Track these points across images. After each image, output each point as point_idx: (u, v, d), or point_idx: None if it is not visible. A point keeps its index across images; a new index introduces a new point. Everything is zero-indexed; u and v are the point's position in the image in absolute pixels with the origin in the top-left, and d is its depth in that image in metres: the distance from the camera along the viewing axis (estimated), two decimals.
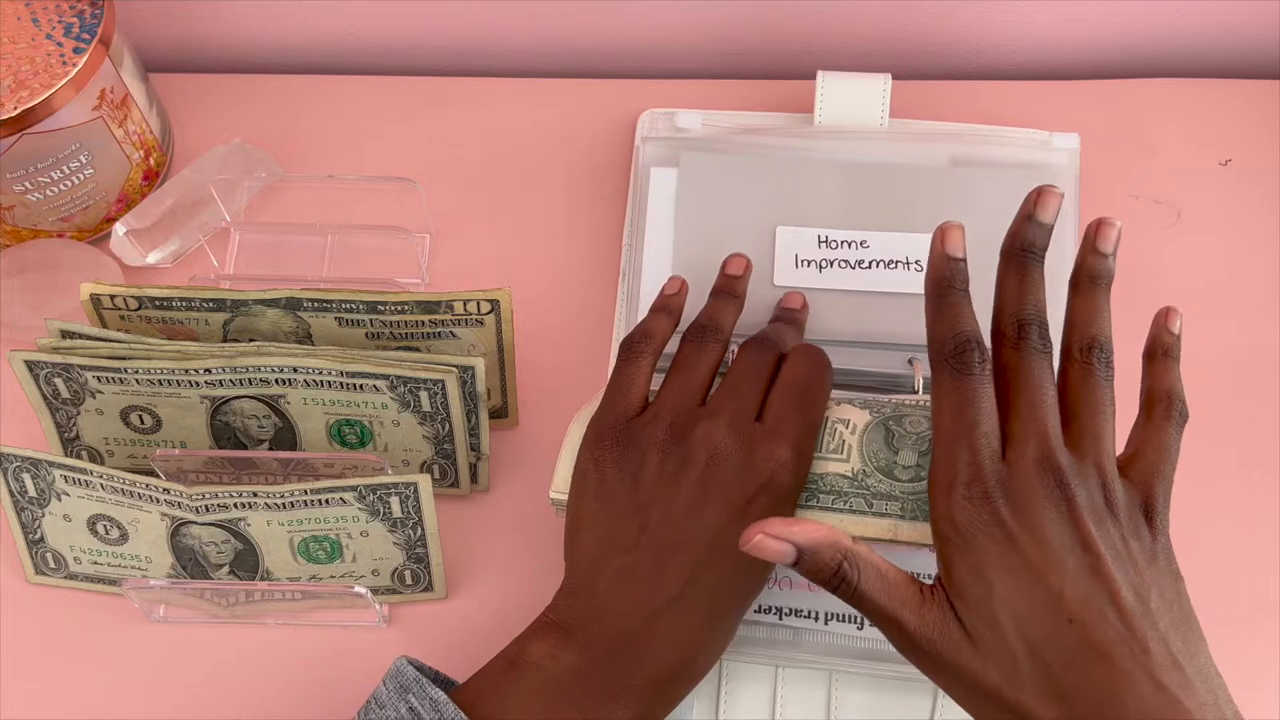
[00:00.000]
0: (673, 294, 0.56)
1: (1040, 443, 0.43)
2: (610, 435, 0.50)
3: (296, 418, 0.55)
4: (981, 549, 0.42)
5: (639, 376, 0.52)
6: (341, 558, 0.55)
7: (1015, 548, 0.42)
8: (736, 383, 0.51)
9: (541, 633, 0.47)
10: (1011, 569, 0.41)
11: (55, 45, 0.58)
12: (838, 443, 0.49)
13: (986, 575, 0.42)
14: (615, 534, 0.48)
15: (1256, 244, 0.63)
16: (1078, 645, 0.40)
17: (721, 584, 0.47)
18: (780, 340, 0.53)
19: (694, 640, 0.47)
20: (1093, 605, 0.41)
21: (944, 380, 0.45)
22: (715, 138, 0.64)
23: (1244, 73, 0.69)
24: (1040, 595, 0.41)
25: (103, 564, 0.56)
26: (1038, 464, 0.43)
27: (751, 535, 0.42)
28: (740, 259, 0.57)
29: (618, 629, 0.47)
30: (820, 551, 0.42)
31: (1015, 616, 0.41)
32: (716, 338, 0.53)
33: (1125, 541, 0.42)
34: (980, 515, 0.42)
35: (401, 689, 0.46)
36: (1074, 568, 0.41)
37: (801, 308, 0.58)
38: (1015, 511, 0.42)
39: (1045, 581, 0.41)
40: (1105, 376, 0.45)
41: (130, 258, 0.63)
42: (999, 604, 0.41)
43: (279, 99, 0.69)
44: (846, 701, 0.53)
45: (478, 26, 0.70)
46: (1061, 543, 0.42)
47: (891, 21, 0.69)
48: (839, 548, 0.42)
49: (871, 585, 0.42)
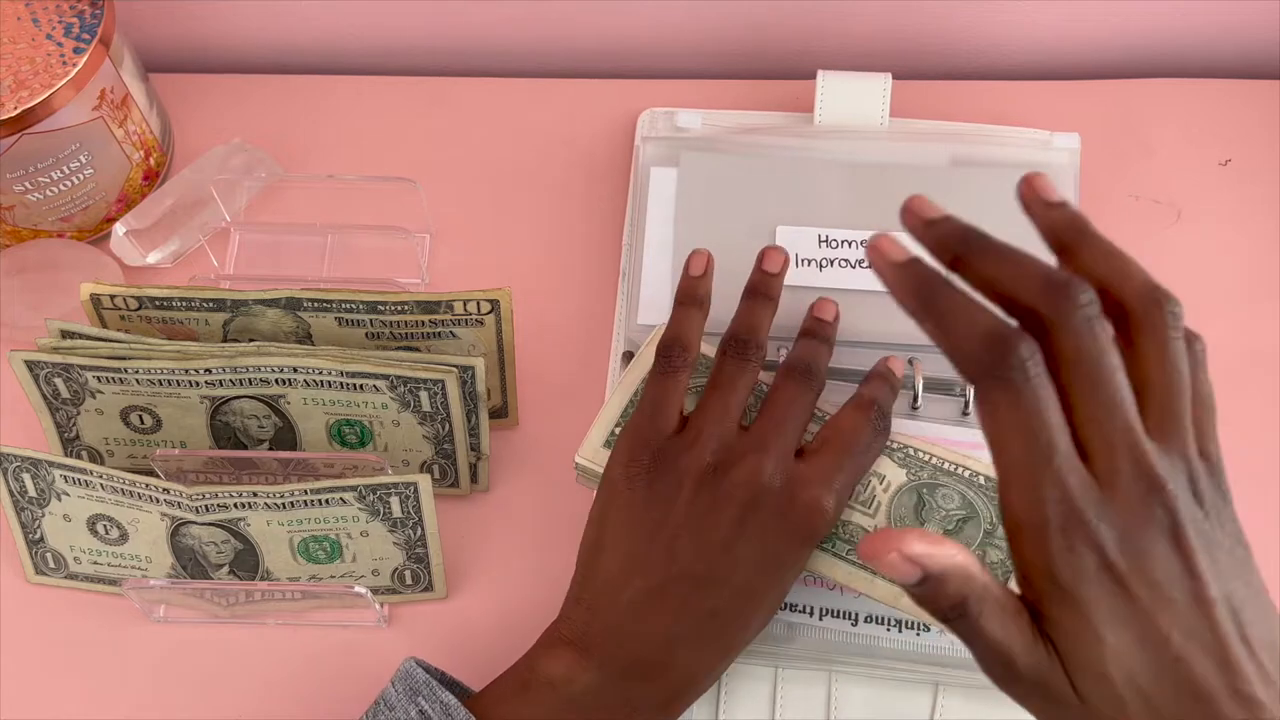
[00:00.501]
0: (699, 275, 0.53)
1: (1133, 452, 0.37)
2: (647, 453, 0.49)
3: (296, 418, 0.55)
4: (1089, 601, 0.36)
5: (676, 391, 0.51)
6: (341, 558, 0.55)
7: (1126, 594, 0.36)
8: (779, 416, 0.50)
9: (557, 649, 0.47)
10: (1123, 619, 0.36)
11: (55, 45, 0.58)
12: (869, 495, 0.50)
13: (1097, 630, 0.36)
14: (643, 556, 0.48)
15: (1256, 244, 0.63)
16: (1183, 687, 0.36)
17: (742, 618, 0.48)
18: (819, 367, 0.52)
19: (707, 667, 0.48)
20: (1196, 639, 0.36)
21: (995, 397, 0.37)
22: (715, 137, 0.64)
23: (1244, 73, 0.69)
24: (1151, 640, 0.36)
25: (103, 564, 0.56)
26: (1136, 481, 0.36)
27: (884, 550, 0.36)
28: (777, 253, 0.54)
29: (636, 653, 0.47)
30: (949, 581, 0.37)
31: (1126, 669, 0.36)
32: (756, 354, 0.51)
33: (1215, 538, 0.37)
34: (1085, 564, 0.36)
35: (411, 691, 0.46)
36: (1181, 601, 0.36)
37: (833, 320, 0.55)
38: (1124, 551, 0.36)
39: (1156, 624, 0.36)
40: (1175, 336, 0.38)
41: (130, 258, 0.63)
42: (1110, 657, 0.36)
43: (279, 99, 0.69)
44: (846, 701, 0.53)
45: (478, 26, 0.70)
46: (1169, 576, 0.36)
47: (891, 21, 0.69)
48: (970, 580, 0.37)
49: (994, 622, 0.37)
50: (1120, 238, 0.65)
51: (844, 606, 0.53)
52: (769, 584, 0.48)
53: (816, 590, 0.53)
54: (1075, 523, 0.36)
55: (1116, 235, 0.66)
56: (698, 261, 0.54)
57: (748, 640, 0.49)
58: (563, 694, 0.46)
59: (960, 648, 0.52)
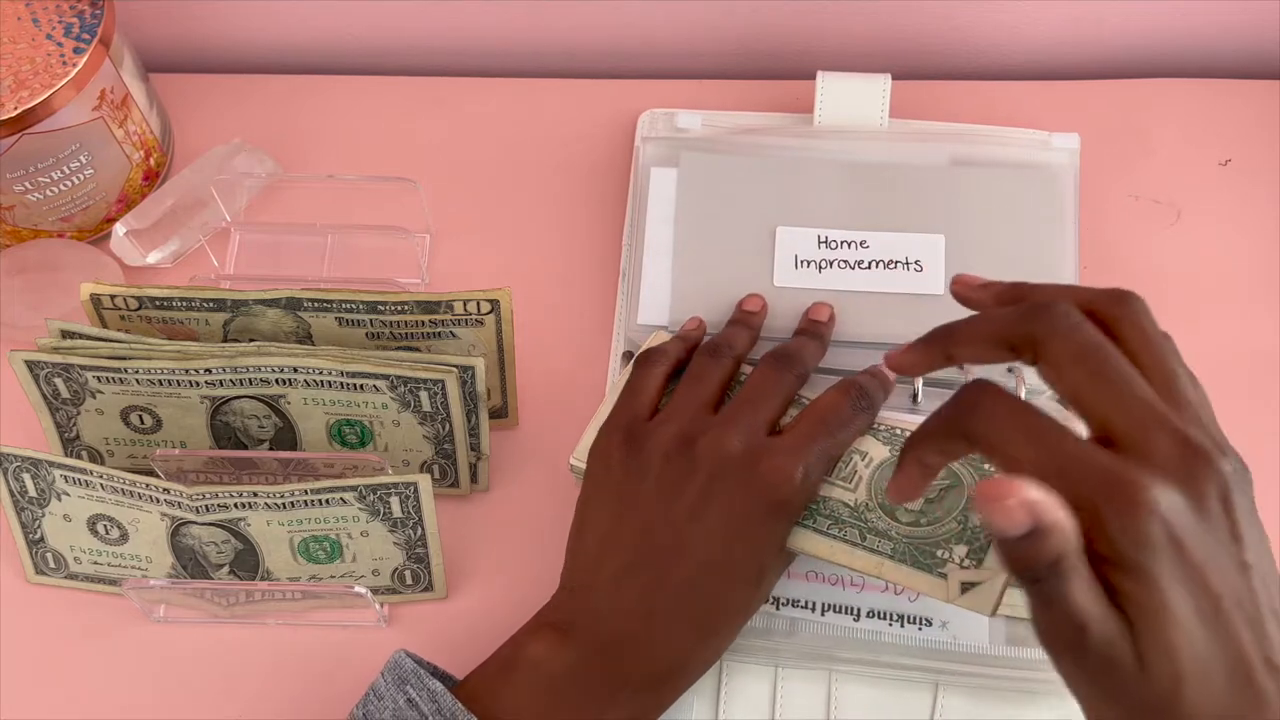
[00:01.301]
0: (693, 328, 0.57)
1: (1164, 425, 0.38)
2: (620, 436, 0.51)
3: (297, 418, 0.55)
4: (1158, 572, 0.36)
5: (652, 382, 0.53)
6: (341, 558, 0.55)
7: (1188, 562, 0.37)
8: (752, 395, 0.51)
9: (540, 631, 0.48)
10: (1187, 587, 0.37)
11: (55, 45, 0.58)
12: (850, 471, 0.50)
13: (1165, 598, 0.36)
14: (617, 534, 0.49)
15: (1256, 244, 0.63)
16: (1228, 652, 0.37)
17: (718, 591, 0.48)
18: (802, 357, 0.53)
19: (688, 644, 0.48)
20: (1240, 606, 0.37)
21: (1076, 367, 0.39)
22: (715, 138, 0.64)
23: (1244, 73, 0.69)
24: (1207, 608, 0.37)
25: (103, 564, 0.56)
26: (1178, 449, 0.37)
27: (1004, 494, 0.36)
28: (757, 299, 0.58)
29: (614, 629, 0.47)
30: (1053, 535, 0.36)
31: (1189, 638, 0.37)
32: (730, 354, 0.53)
33: (1247, 506, 0.38)
34: (1152, 533, 0.36)
35: (400, 680, 0.47)
36: (1229, 567, 0.37)
37: (828, 320, 0.57)
38: (1185, 519, 0.37)
39: (1211, 590, 0.37)
40: (1150, 320, 0.41)
41: (130, 258, 0.63)
42: (1176, 626, 0.37)
43: (279, 99, 0.69)
44: (846, 700, 0.53)
45: (478, 26, 0.70)
46: (1221, 540, 0.37)
47: (891, 21, 0.69)
48: (1070, 540, 0.37)
49: (1078, 586, 0.37)
50: (1120, 238, 0.65)
51: (846, 602, 0.53)
52: (741, 554, 0.48)
53: (818, 586, 0.53)
54: (1134, 496, 0.36)
55: (1116, 235, 0.66)
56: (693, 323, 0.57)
57: (737, 620, 0.49)
58: (544, 673, 0.46)
59: (961, 642, 0.52)
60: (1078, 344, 0.39)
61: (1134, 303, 0.41)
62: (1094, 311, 0.41)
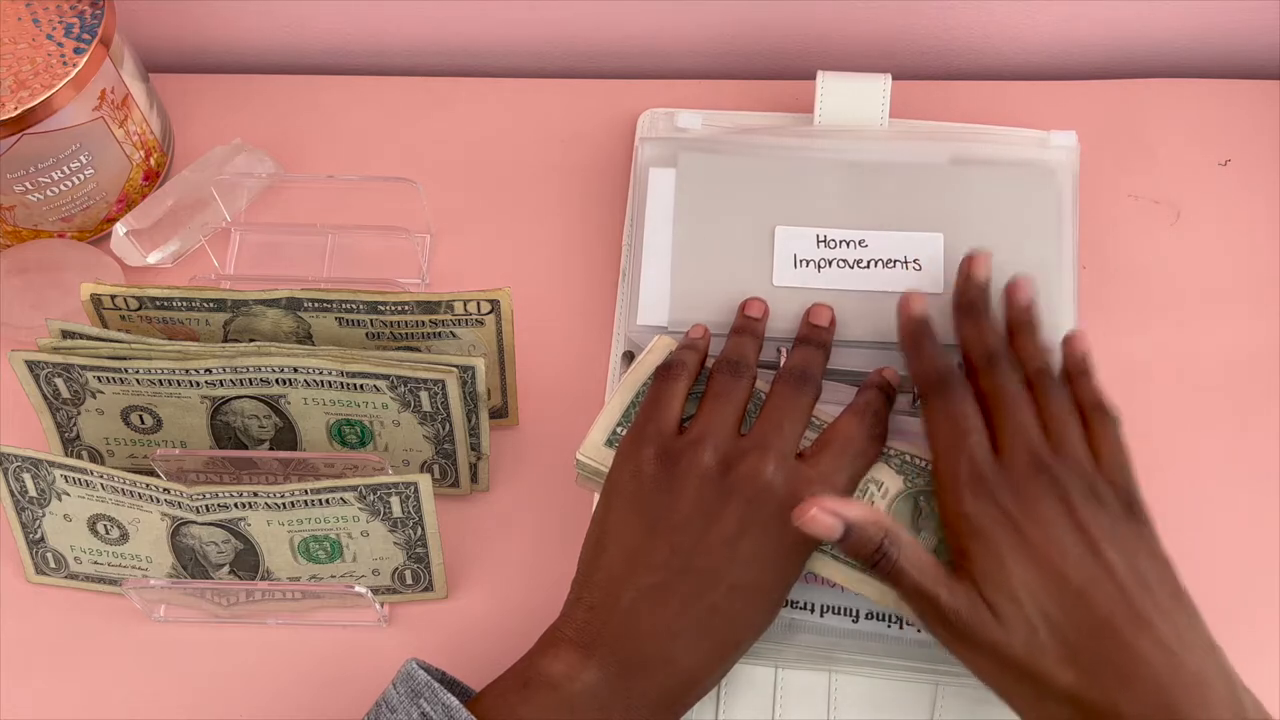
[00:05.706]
0: (698, 336, 0.56)
1: (1028, 445, 0.49)
2: (652, 450, 0.50)
3: (297, 418, 0.55)
4: (993, 536, 0.47)
5: (676, 396, 0.53)
6: (342, 557, 0.55)
7: (1021, 534, 0.46)
8: (777, 419, 0.51)
9: (559, 648, 0.47)
10: (1022, 552, 0.46)
11: (56, 45, 0.58)
12: (866, 501, 0.51)
13: (1002, 558, 0.46)
14: (645, 552, 0.48)
15: (1256, 244, 0.63)
16: (1087, 616, 0.45)
17: (743, 615, 0.48)
18: (814, 374, 0.54)
19: (707, 665, 0.48)
20: (1095, 581, 0.45)
21: (934, 404, 0.51)
22: (715, 138, 0.64)
23: (1244, 73, 0.69)
24: (1050, 573, 0.45)
25: (103, 564, 0.56)
26: (1029, 464, 0.48)
27: (807, 509, 0.46)
28: (759, 303, 0.58)
29: (638, 650, 0.47)
30: (866, 528, 0.46)
31: (1032, 594, 0.45)
32: (747, 372, 0.54)
33: (1115, 528, 0.47)
34: (987, 507, 0.47)
35: (413, 693, 0.46)
36: (1074, 549, 0.46)
37: (829, 325, 0.57)
38: (1017, 502, 0.47)
39: (1051, 561, 0.46)
40: (1061, 392, 0.51)
41: (131, 258, 0.63)
42: (1017, 583, 0.45)
43: (279, 99, 0.69)
44: (846, 701, 0.53)
45: (478, 26, 0.70)
46: (1061, 528, 0.46)
47: (891, 21, 0.69)
48: (881, 526, 0.46)
49: (910, 562, 0.46)
50: (1119, 238, 0.65)
51: (845, 603, 0.53)
52: (771, 581, 0.49)
53: (817, 587, 0.53)
54: (977, 478, 0.48)
55: (1116, 235, 0.66)
56: (695, 332, 0.57)
57: (750, 640, 0.49)
58: (563, 693, 0.46)
59: None
60: (996, 385, 0.51)
61: (1052, 378, 0.52)
62: (1029, 361, 0.52)
